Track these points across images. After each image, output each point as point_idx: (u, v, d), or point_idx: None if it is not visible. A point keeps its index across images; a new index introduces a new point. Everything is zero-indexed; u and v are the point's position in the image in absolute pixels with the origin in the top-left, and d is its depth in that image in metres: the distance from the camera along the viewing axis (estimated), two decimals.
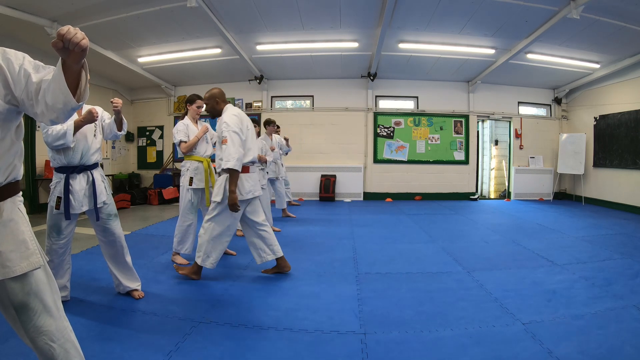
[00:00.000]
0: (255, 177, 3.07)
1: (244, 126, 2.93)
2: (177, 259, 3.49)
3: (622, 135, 6.92)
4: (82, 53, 1.01)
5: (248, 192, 2.96)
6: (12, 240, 1.17)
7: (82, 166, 2.38)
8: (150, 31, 5.88)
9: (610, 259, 3.65)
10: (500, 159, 8.95)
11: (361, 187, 8.35)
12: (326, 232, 4.92)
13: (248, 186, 2.96)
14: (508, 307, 2.50)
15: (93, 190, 2.40)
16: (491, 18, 5.40)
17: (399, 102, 8.68)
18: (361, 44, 6.48)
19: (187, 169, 3.47)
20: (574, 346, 1.97)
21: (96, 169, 2.48)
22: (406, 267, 3.42)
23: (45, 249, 2.33)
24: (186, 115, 3.58)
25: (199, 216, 3.58)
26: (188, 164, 3.49)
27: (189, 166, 3.47)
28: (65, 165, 2.33)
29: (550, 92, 8.74)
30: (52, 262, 2.36)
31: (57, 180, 2.36)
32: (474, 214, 6.52)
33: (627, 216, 6.27)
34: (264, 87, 8.47)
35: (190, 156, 3.49)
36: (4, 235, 1.16)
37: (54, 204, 2.33)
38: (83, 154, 2.37)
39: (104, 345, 1.95)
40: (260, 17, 5.49)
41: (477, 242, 4.46)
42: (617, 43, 5.87)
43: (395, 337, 2.09)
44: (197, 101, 3.54)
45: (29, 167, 6.17)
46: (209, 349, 1.95)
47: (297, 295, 2.73)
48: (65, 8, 4.86)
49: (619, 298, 2.64)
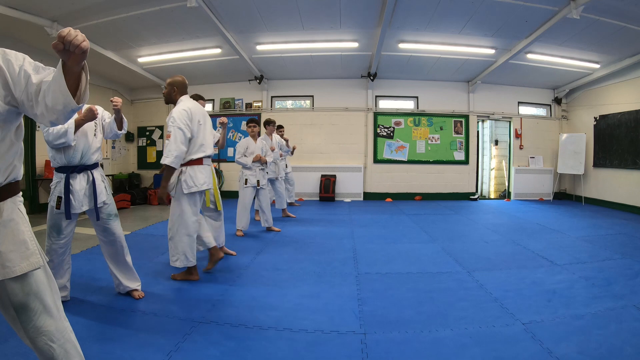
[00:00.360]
0: (208, 170, 3.10)
1: (194, 122, 2.90)
2: None
3: (622, 135, 6.92)
4: (82, 55, 1.02)
5: (202, 183, 2.99)
6: (12, 241, 1.17)
7: (82, 166, 2.38)
8: (150, 31, 5.88)
9: (610, 259, 3.65)
10: (500, 159, 8.95)
11: (361, 187, 8.35)
12: (326, 232, 4.92)
13: (202, 178, 2.99)
14: (508, 307, 2.50)
15: (93, 190, 2.41)
16: (491, 18, 5.40)
17: (399, 102, 8.68)
18: (361, 44, 6.48)
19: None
20: (574, 346, 1.97)
21: (96, 168, 2.48)
22: (406, 267, 3.42)
23: (45, 249, 2.33)
24: None
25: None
26: None
27: None
28: (66, 165, 2.33)
29: (550, 92, 8.74)
30: (52, 262, 2.36)
31: (57, 180, 2.36)
32: (474, 214, 6.52)
33: (627, 216, 6.27)
34: (264, 87, 8.47)
35: None
36: (4, 235, 1.16)
37: (54, 203, 2.33)
38: (83, 154, 2.37)
39: (104, 345, 1.95)
40: (260, 17, 5.49)
41: (477, 242, 4.46)
42: (617, 43, 5.87)
43: (395, 337, 2.09)
44: (198, 101, 3.53)
45: (29, 167, 6.17)
46: (209, 349, 1.95)
47: (297, 295, 2.73)
48: (65, 8, 4.86)
49: (619, 298, 2.64)
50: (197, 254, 3.20)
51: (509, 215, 6.47)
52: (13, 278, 1.16)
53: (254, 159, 4.58)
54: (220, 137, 3.77)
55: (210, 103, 8.71)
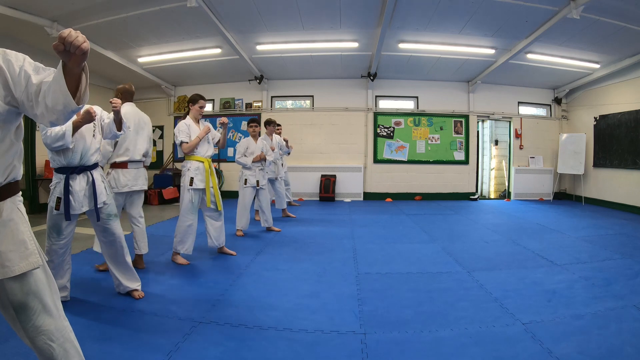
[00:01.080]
0: (133, 172, 3.23)
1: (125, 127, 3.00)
2: (178, 259, 3.49)
3: (622, 135, 6.92)
4: (82, 56, 1.02)
5: (124, 185, 3.16)
6: (12, 240, 1.17)
7: (81, 167, 2.38)
8: (150, 31, 5.88)
9: (610, 259, 3.65)
10: (500, 159, 8.95)
11: (361, 187, 8.35)
12: (326, 232, 4.91)
13: (124, 180, 3.16)
14: (508, 307, 2.50)
15: (93, 191, 2.40)
16: (491, 18, 5.40)
17: (399, 102, 8.68)
18: (361, 44, 6.48)
19: (187, 169, 3.48)
20: (574, 346, 1.96)
21: (96, 169, 2.48)
22: (406, 267, 3.42)
23: (45, 250, 2.33)
24: (188, 115, 3.58)
25: (200, 216, 3.58)
26: (189, 164, 3.49)
27: (189, 166, 3.48)
28: (65, 165, 2.33)
29: (550, 92, 8.74)
30: (52, 262, 2.35)
31: (56, 180, 2.36)
32: (474, 214, 6.52)
33: (627, 216, 6.27)
34: (264, 87, 8.47)
35: (191, 156, 3.50)
36: (4, 235, 1.16)
37: (54, 204, 2.33)
38: (82, 155, 2.37)
39: (103, 345, 1.95)
40: (260, 17, 5.49)
41: (477, 242, 4.46)
42: (617, 43, 5.87)
43: (395, 337, 2.09)
44: (199, 101, 3.53)
45: (29, 167, 6.17)
46: (209, 349, 1.95)
47: (297, 295, 2.73)
48: (66, 8, 4.86)
49: (619, 298, 2.64)
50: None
51: (509, 215, 6.47)
52: (12, 277, 1.16)
53: (254, 159, 4.58)
54: (220, 137, 3.78)
55: (210, 103, 8.70)
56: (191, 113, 3.56)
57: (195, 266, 3.41)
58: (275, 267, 3.41)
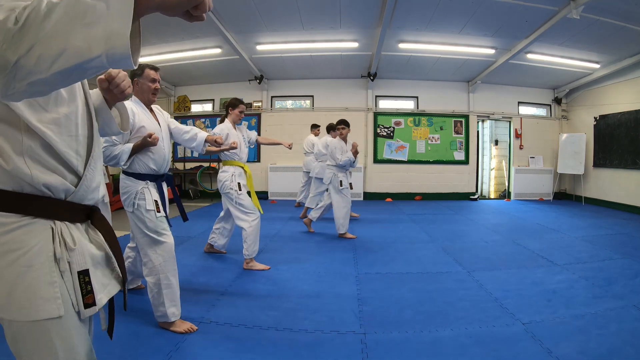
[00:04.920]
0: None
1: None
2: (256, 266, 3.36)
3: (622, 135, 6.92)
4: (122, 98, 1.08)
5: None
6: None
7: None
8: (150, 31, 5.87)
9: (610, 259, 3.65)
10: (500, 159, 8.95)
11: (361, 187, 8.34)
12: (326, 232, 4.91)
13: None
14: (508, 307, 2.50)
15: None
16: (491, 18, 5.40)
17: (399, 102, 8.68)
18: (361, 44, 6.48)
19: (231, 174, 3.36)
20: (574, 346, 1.97)
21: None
22: (406, 267, 3.42)
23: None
24: (226, 118, 3.50)
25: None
26: (232, 169, 3.38)
27: (233, 171, 3.37)
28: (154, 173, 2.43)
29: (550, 92, 8.74)
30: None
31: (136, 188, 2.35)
32: (474, 214, 6.52)
33: (627, 216, 6.27)
34: (264, 87, 8.47)
35: (232, 162, 3.42)
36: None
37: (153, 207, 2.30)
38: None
39: (103, 346, 1.95)
40: (260, 17, 5.48)
41: (477, 242, 4.46)
42: (617, 43, 5.87)
43: (395, 337, 2.10)
44: (239, 106, 3.45)
45: None
46: (209, 349, 1.95)
47: (297, 295, 2.73)
48: None
49: (619, 298, 2.64)
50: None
51: (509, 215, 6.47)
52: None
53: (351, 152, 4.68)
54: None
55: (210, 103, 8.71)
56: (230, 117, 3.47)
57: (194, 266, 3.42)
58: (276, 267, 3.41)
